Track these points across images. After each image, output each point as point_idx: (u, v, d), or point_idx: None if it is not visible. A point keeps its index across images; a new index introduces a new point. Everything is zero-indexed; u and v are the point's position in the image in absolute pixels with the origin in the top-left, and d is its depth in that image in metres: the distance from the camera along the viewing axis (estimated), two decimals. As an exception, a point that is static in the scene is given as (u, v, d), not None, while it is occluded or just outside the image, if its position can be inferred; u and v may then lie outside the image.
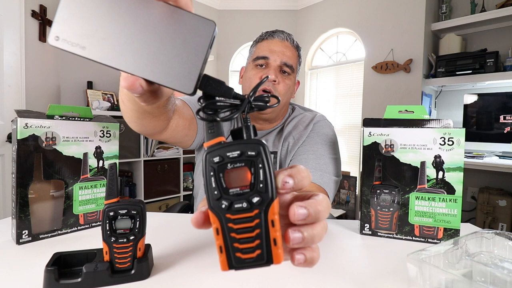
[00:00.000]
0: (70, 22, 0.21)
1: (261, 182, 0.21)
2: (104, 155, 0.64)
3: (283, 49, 0.79)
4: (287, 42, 0.80)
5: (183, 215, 0.79)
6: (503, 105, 2.11)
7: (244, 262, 0.21)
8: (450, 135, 0.57)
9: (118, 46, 0.21)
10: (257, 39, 0.84)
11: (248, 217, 0.21)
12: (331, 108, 3.14)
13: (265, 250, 0.21)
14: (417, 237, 0.60)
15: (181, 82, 0.22)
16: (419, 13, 2.35)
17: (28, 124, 0.54)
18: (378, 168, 0.61)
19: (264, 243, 0.21)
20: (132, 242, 0.42)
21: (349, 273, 0.46)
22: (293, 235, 0.21)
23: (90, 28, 0.21)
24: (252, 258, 0.21)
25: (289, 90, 0.81)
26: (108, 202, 0.42)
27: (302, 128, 0.83)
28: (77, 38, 0.21)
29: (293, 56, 0.80)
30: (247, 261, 0.21)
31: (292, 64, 0.79)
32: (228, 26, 3.29)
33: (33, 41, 1.84)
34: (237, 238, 0.21)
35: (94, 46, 0.21)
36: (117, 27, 0.21)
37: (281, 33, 0.81)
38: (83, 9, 0.21)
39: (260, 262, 0.21)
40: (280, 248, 0.21)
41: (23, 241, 0.54)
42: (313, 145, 0.78)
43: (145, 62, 0.21)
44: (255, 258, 0.21)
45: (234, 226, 0.21)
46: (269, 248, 0.21)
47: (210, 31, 0.22)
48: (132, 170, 2.56)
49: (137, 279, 0.42)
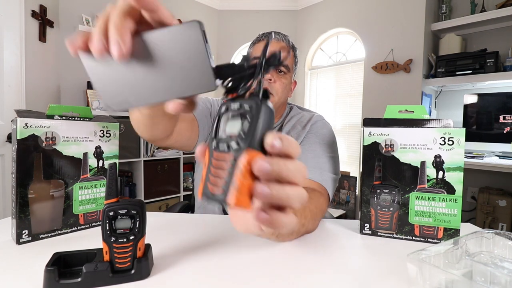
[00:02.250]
0: (108, 90, 0.27)
1: (244, 133, 0.24)
2: (104, 155, 0.64)
3: (279, 49, 0.78)
4: (283, 43, 0.83)
5: (183, 215, 0.79)
6: (503, 105, 2.11)
7: (210, 195, 0.25)
8: (450, 135, 0.57)
9: (145, 87, 0.26)
10: (254, 41, 0.87)
11: (224, 158, 0.24)
12: (331, 108, 3.14)
13: (227, 190, 0.24)
14: (417, 237, 0.60)
15: (203, 84, 0.25)
16: (419, 13, 2.35)
17: (28, 124, 0.54)
18: (378, 168, 0.61)
19: (228, 184, 0.24)
20: (132, 242, 0.42)
21: (349, 273, 0.46)
22: (259, 187, 0.22)
23: (121, 88, 0.27)
24: (216, 193, 0.25)
25: (286, 88, 0.83)
26: (108, 202, 0.42)
27: (300, 128, 0.84)
28: (121, 99, 0.27)
29: (288, 55, 0.83)
30: (212, 194, 0.25)
31: (287, 63, 0.82)
32: (228, 26, 3.29)
33: (33, 41, 1.85)
34: (212, 173, 0.25)
35: (131, 96, 0.27)
36: (136, 75, 0.26)
37: (277, 34, 0.84)
38: (107, 77, 0.27)
39: (220, 199, 0.24)
40: (240, 194, 0.23)
41: (23, 241, 0.54)
42: (311, 144, 0.79)
43: (170, 86, 0.26)
44: (218, 195, 0.25)
45: (214, 163, 0.25)
46: (230, 189, 0.24)
47: (197, 30, 0.24)
48: (132, 170, 2.56)
49: (137, 279, 0.42)
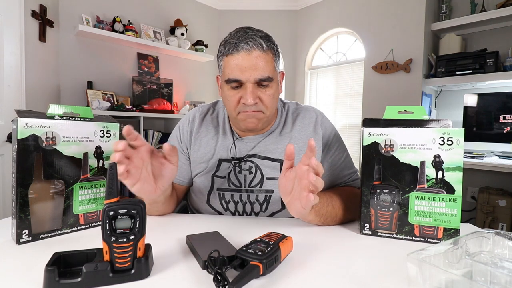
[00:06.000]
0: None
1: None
2: (104, 155, 0.64)
3: (253, 63, 0.69)
4: (256, 51, 0.69)
5: (183, 215, 0.79)
6: (503, 105, 2.11)
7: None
8: (449, 135, 0.57)
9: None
10: (221, 51, 0.73)
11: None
12: (331, 108, 3.14)
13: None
14: (417, 237, 0.60)
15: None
16: (419, 13, 2.35)
17: (28, 124, 0.54)
18: (378, 168, 0.61)
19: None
20: (132, 242, 0.42)
21: (349, 273, 0.46)
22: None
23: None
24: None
25: (274, 97, 0.74)
26: (108, 202, 0.42)
27: (311, 128, 0.82)
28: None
29: (267, 64, 0.70)
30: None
31: (268, 74, 0.70)
32: (228, 26, 3.29)
33: (33, 41, 1.84)
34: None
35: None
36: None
37: (246, 43, 0.68)
38: None
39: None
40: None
41: (23, 241, 0.54)
42: (339, 152, 0.84)
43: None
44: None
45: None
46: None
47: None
48: (132, 170, 2.55)
49: (137, 278, 0.42)
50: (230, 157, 0.80)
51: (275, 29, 3.24)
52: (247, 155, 0.80)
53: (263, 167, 0.79)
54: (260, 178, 0.79)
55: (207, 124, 0.85)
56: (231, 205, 0.79)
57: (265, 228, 0.64)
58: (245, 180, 0.79)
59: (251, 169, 0.79)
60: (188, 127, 0.85)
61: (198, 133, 0.84)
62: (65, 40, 2.24)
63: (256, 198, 0.79)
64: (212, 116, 0.87)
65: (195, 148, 0.83)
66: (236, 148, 0.80)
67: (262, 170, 0.79)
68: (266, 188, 0.78)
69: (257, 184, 0.79)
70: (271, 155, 0.79)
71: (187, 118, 0.87)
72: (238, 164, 0.79)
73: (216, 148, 0.81)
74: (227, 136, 0.82)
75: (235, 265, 0.43)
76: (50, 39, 2.03)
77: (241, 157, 0.80)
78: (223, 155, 0.81)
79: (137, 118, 2.35)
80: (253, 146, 0.80)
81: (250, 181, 0.79)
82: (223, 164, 0.80)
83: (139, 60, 2.65)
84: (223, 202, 0.80)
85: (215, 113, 0.88)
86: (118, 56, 2.54)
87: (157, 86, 2.67)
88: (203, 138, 0.83)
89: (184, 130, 0.86)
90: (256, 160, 0.79)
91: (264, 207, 0.79)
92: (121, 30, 2.41)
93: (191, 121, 0.85)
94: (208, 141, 0.83)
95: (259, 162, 0.79)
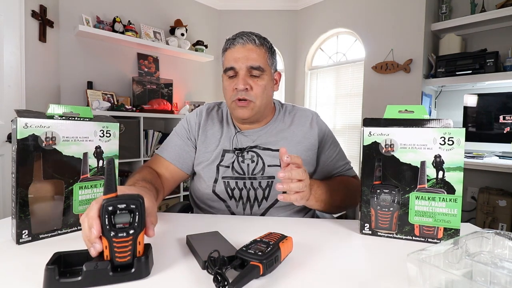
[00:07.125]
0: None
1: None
2: (104, 155, 0.64)
3: (246, 54, 0.80)
4: (249, 45, 0.81)
5: (183, 215, 0.79)
6: (503, 105, 2.11)
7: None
8: (450, 135, 0.57)
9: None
10: (223, 48, 0.86)
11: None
12: (331, 108, 3.14)
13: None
14: (417, 237, 0.60)
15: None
16: (419, 13, 2.35)
17: (28, 124, 0.54)
18: (378, 168, 0.61)
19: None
20: (132, 236, 0.42)
21: (349, 273, 0.46)
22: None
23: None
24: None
25: (266, 89, 0.83)
26: (106, 197, 0.41)
27: (308, 125, 0.91)
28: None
29: (259, 56, 0.81)
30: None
31: (259, 64, 0.80)
32: (228, 26, 3.29)
33: (33, 41, 1.84)
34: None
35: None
36: None
37: (241, 38, 0.81)
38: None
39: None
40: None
41: (23, 241, 0.54)
42: (333, 146, 0.93)
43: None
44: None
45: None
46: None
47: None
48: (132, 170, 2.55)
49: (137, 277, 0.42)
50: (233, 148, 0.87)
51: (275, 29, 3.24)
52: (248, 146, 0.87)
53: (264, 156, 0.86)
54: (262, 166, 0.85)
55: (213, 117, 0.93)
56: (236, 192, 0.84)
57: (265, 228, 0.64)
58: (248, 168, 0.85)
59: (253, 158, 0.86)
60: (197, 119, 0.92)
61: (205, 126, 0.91)
62: (65, 40, 2.24)
63: (259, 184, 0.84)
64: (217, 112, 0.95)
65: (202, 139, 0.90)
66: (238, 140, 0.87)
67: (263, 159, 0.86)
68: (268, 174, 0.85)
69: (259, 171, 0.85)
70: (271, 146, 0.87)
71: (195, 112, 0.95)
72: (240, 154, 0.86)
73: (220, 140, 0.88)
74: (230, 128, 0.90)
75: (235, 265, 0.43)
76: (50, 39, 2.03)
77: (243, 147, 0.87)
78: (226, 146, 0.87)
79: (137, 118, 2.35)
80: (254, 140, 0.87)
81: (252, 169, 0.85)
82: (226, 154, 0.87)
83: (139, 60, 2.65)
84: (228, 189, 0.85)
85: (220, 109, 0.96)
86: (118, 56, 2.54)
87: (157, 86, 2.67)
88: (209, 130, 0.91)
89: (192, 122, 0.93)
90: (257, 151, 0.86)
91: (266, 193, 0.84)
92: (121, 30, 2.41)
93: (199, 115, 0.93)
94: (214, 133, 0.90)
95: (260, 152, 0.87)
